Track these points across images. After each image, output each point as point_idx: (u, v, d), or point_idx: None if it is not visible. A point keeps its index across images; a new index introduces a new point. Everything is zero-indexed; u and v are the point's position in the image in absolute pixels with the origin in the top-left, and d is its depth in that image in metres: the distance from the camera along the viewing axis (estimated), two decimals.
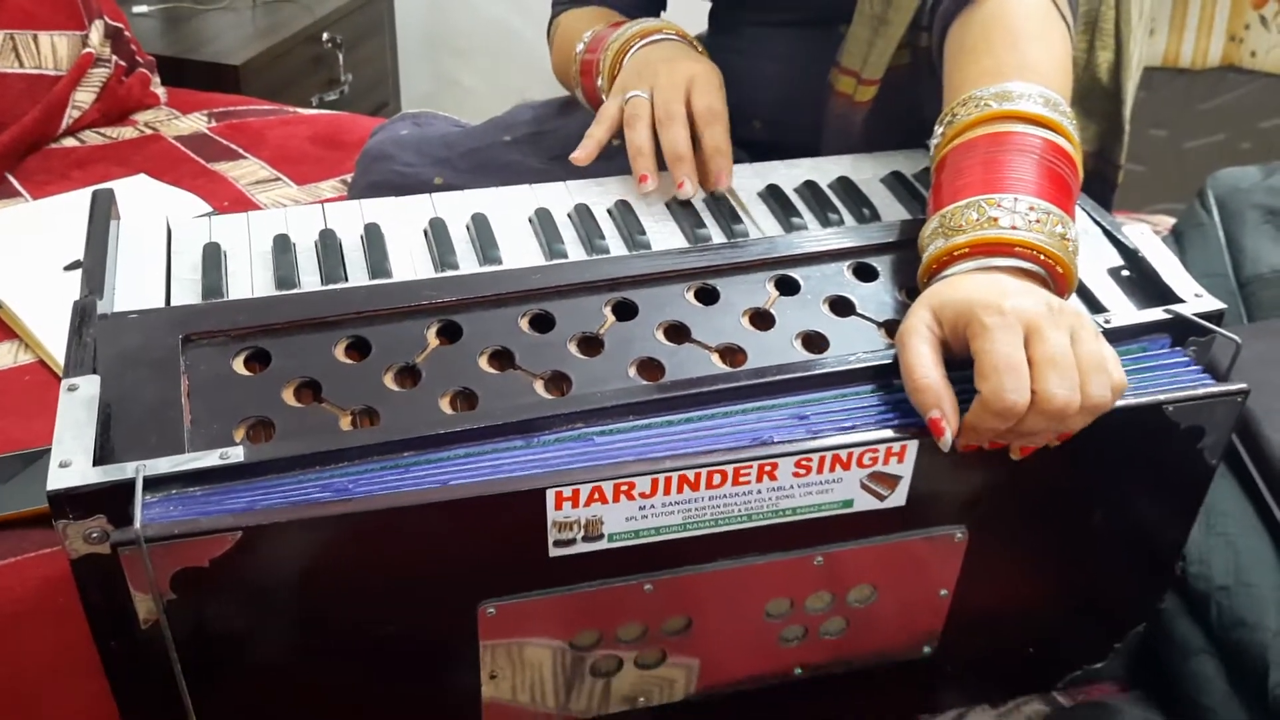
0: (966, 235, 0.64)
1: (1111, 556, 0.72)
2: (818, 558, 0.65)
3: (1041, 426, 0.58)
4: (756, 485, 0.61)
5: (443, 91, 2.60)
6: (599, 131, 0.85)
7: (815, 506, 0.62)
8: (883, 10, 0.86)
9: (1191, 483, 0.69)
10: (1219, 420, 0.65)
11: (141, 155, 1.53)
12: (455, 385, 0.64)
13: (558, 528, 0.59)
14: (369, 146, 1.15)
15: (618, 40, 0.92)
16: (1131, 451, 0.66)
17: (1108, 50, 0.93)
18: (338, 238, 0.77)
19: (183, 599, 0.56)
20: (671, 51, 0.89)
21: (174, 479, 0.56)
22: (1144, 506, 0.70)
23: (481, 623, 0.62)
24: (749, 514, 0.62)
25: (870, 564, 0.67)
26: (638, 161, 0.82)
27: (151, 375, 0.62)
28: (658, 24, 0.93)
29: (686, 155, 0.81)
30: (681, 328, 0.68)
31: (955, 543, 0.67)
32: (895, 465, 0.62)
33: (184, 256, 0.75)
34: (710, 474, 0.60)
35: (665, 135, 0.82)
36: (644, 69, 0.87)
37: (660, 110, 0.82)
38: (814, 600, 0.68)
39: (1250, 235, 0.96)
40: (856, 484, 0.62)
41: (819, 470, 0.61)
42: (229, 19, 2.04)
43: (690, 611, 0.66)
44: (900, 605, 0.70)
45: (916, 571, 0.68)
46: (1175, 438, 0.65)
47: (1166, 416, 0.64)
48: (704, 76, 0.85)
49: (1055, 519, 0.69)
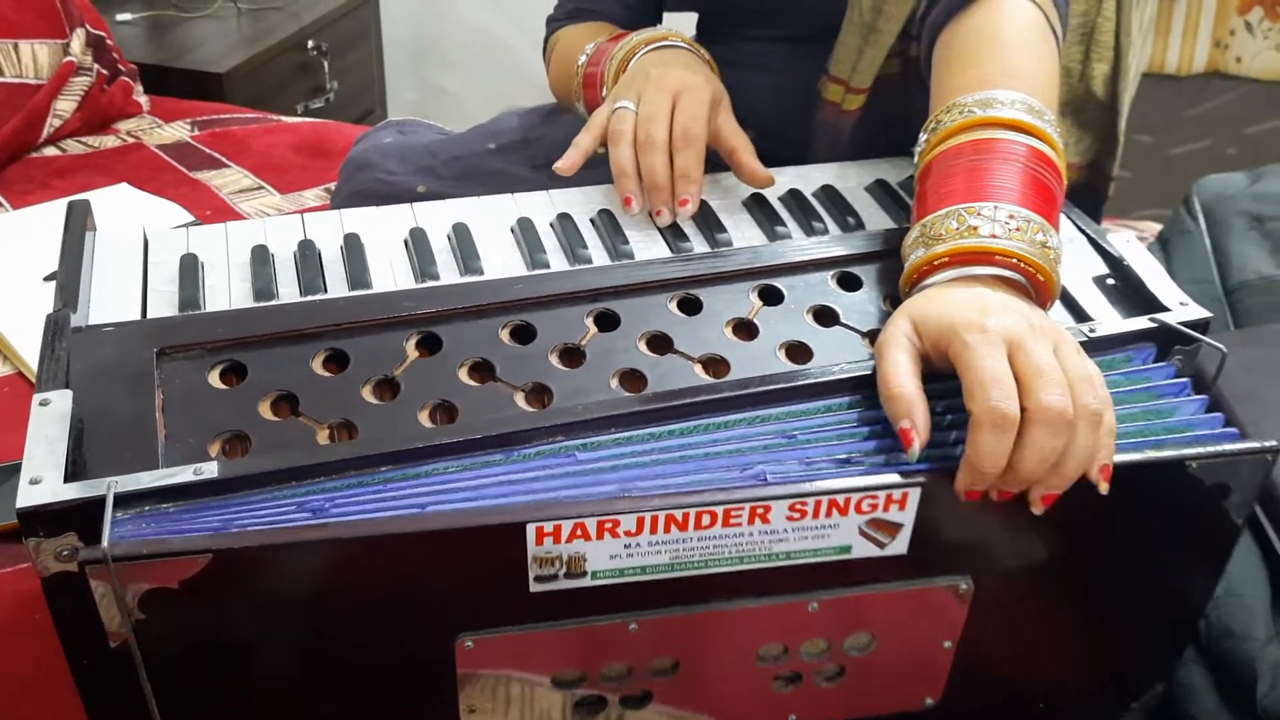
0: (946, 244, 0.64)
1: (1128, 614, 0.69)
2: (813, 604, 0.62)
3: (1046, 441, 0.55)
4: (748, 527, 0.58)
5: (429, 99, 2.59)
6: (586, 140, 0.83)
7: (811, 551, 0.60)
8: (872, 19, 0.86)
9: (1216, 542, 0.65)
10: (1246, 479, 0.61)
11: (123, 164, 1.52)
12: (435, 398, 0.63)
13: (539, 563, 0.58)
14: (352, 155, 1.14)
15: (623, 48, 0.90)
16: (1150, 506, 0.63)
17: (1104, 62, 0.93)
18: (317, 248, 0.76)
19: (152, 619, 0.55)
20: (670, 59, 0.87)
21: (147, 495, 0.55)
22: (1163, 564, 0.66)
23: (459, 655, 0.60)
24: (740, 556, 0.60)
25: (869, 612, 0.64)
26: (621, 182, 0.80)
27: (126, 389, 0.61)
28: (663, 31, 0.91)
29: (664, 184, 0.79)
30: (664, 338, 0.68)
31: (960, 594, 0.64)
32: (896, 512, 0.59)
33: (161, 268, 0.74)
34: (700, 514, 0.57)
35: (644, 163, 0.80)
36: (636, 76, 0.85)
37: (641, 134, 0.80)
38: (809, 646, 0.65)
39: (1236, 242, 0.96)
40: (855, 530, 0.59)
41: (815, 515, 0.58)
42: (213, 27, 2.04)
43: (678, 653, 0.64)
44: (901, 655, 0.67)
45: (918, 622, 0.65)
46: (1198, 495, 0.62)
47: (1189, 472, 0.61)
48: (693, 90, 0.82)
49: (1066, 574, 0.66)
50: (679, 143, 0.80)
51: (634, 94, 0.83)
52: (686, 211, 0.80)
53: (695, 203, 0.80)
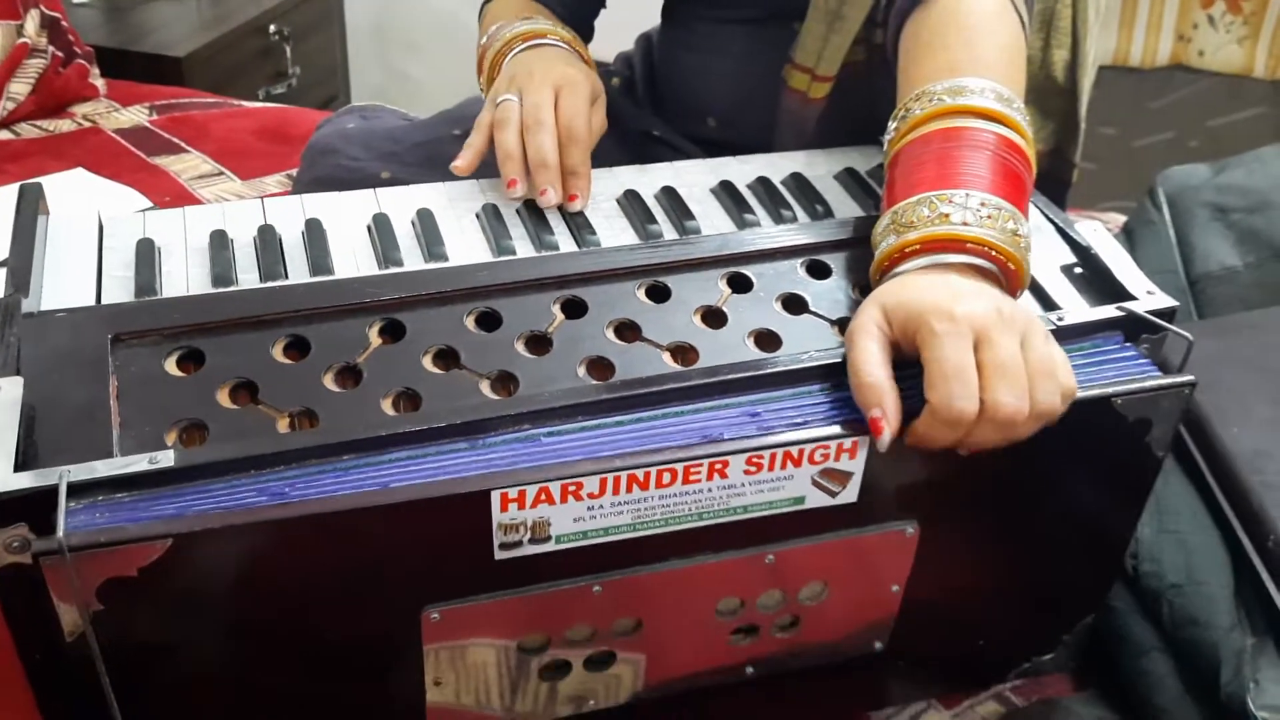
0: (917, 232, 0.64)
1: (1061, 548, 0.72)
2: (769, 556, 0.64)
3: (990, 435, 0.58)
4: (707, 484, 0.59)
5: (393, 85, 2.57)
6: (477, 140, 0.83)
7: (767, 504, 0.61)
8: (838, 6, 0.85)
9: (1139, 475, 0.69)
10: (1166, 412, 0.65)
11: (79, 148, 1.49)
12: (398, 386, 0.62)
13: (503, 530, 0.58)
14: (314, 140, 1.12)
15: (499, 41, 0.91)
16: (1080, 444, 0.65)
17: (1063, 49, 0.93)
18: (277, 234, 0.75)
19: (110, 610, 0.53)
20: (549, 58, 0.87)
21: (101, 484, 0.54)
22: (1092, 498, 0.70)
23: (425, 628, 0.60)
24: (700, 513, 0.61)
25: (822, 561, 0.66)
26: (506, 166, 0.80)
27: (79, 376, 0.60)
28: (544, 28, 0.91)
29: (551, 163, 0.79)
30: (632, 326, 0.67)
31: (906, 538, 0.66)
32: (847, 461, 0.61)
33: (116, 253, 0.72)
34: (660, 473, 0.58)
35: (530, 141, 0.80)
36: (517, 73, 0.85)
37: (528, 117, 0.81)
38: (765, 598, 0.67)
39: (1200, 233, 0.96)
40: (808, 481, 0.61)
41: (770, 467, 0.60)
42: (173, 10, 2.00)
43: (640, 612, 0.65)
44: (852, 601, 0.69)
45: (868, 567, 0.68)
46: (1123, 430, 0.65)
47: (1114, 409, 0.64)
48: (573, 84, 0.83)
49: (1005, 512, 0.69)
50: (565, 137, 0.81)
51: (515, 89, 0.83)
52: (576, 206, 0.80)
53: (585, 198, 0.80)
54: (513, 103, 0.82)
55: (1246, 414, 0.77)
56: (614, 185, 0.83)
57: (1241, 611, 0.72)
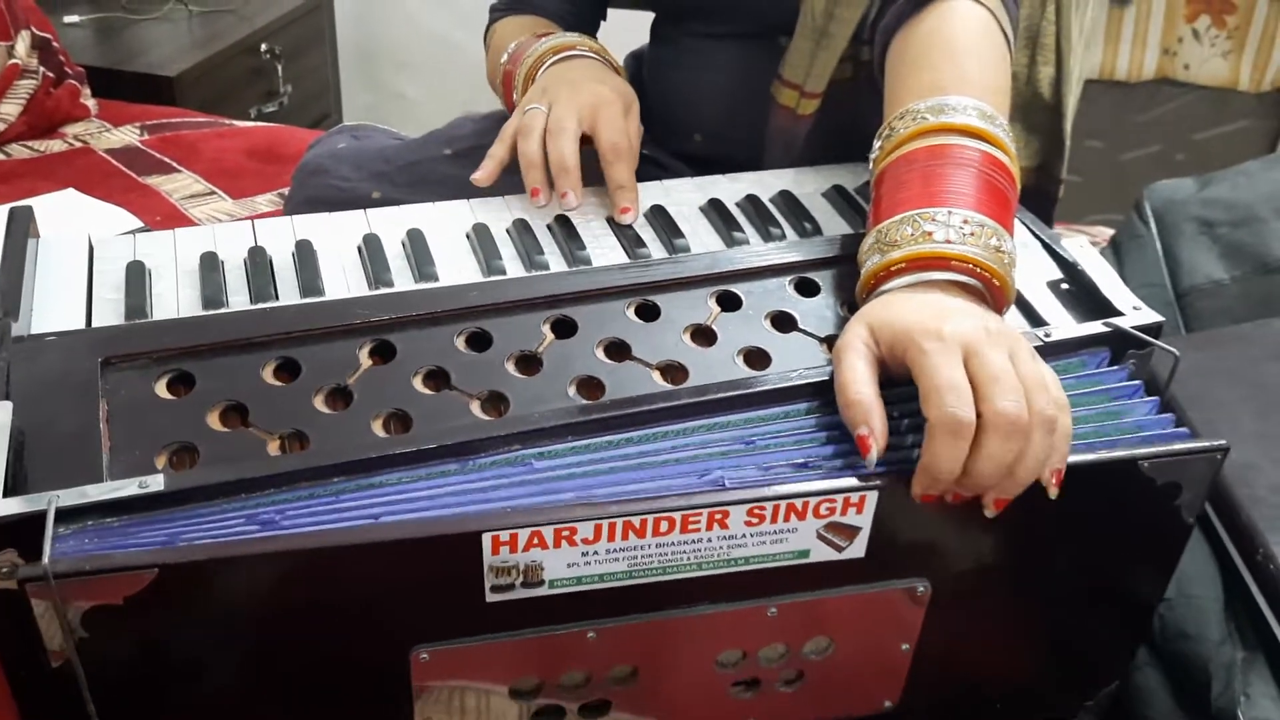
0: (902, 250, 0.64)
1: (1081, 613, 0.69)
2: (772, 609, 0.62)
3: (1000, 448, 0.55)
4: (706, 533, 0.58)
5: (385, 104, 2.57)
6: (500, 150, 0.83)
7: (769, 556, 0.60)
8: (824, 23, 0.86)
9: (1167, 540, 0.66)
10: (1196, 477, 0.62)
11: (70, 169, 1.49)
12: (388, 407, 0.62)
13: (495, 573, 0.57)
14: (305, 160, 1.12)
15: (531, 55, 0.91)
16: (1104, 506, 0.63)
17: (1049, 65, 0.94)
18: (268, 255, 0.75)
19: (96, 637, 0.53)
20: (582, 71, 0.87)
21: (90, 510, 0.54)
22: (1116, 563, 0.67)
23: (415, 668, 0.59)
24: (699, 563, 0.59)
25: (828, 616, 0.64)
26: (529, 174, 0.81)
27: (69, 400, 0.60)
28: (573, 40, 0.92)
29: (572, 167, 0.80)
30: (622, 345, 0.67)
31: (917, 596, 0.64)
32: (854, 516, 0.59)
33: (106, 275, 0.72)
34: (658, 520, 0.57)
35: (552, 146, 0.80)
36: (549, 87, 0.85)
37: (553, 124, 0.81)
38: (768, 651, 0.65)
39: (1186, 247, 0.97)
40: (813, 534, 0.59)
41: (773, 519, 0.58)
42: (164, 29, 2.01)
43: (637, 661, 0.63)
44: (859, 659, 0.66)
45: (876, 625, 0.65)
46: (1150, 494, 0.62)
47: (1141, 472, 0.61)
48: (609, 103, 0.83)
49: (1022, 574, 0.66)
50: (609, 155, 0.81)
51: (546, 101, 0.83)
52: (628, 219, 0.80)
53: (636, 210, 0.80)
54: (539, 111, 0.82)
55: (1234, 427, 0.77)
56: (603, 204, 0.84)
57: (1232, 625, 0.72)
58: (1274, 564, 0.69)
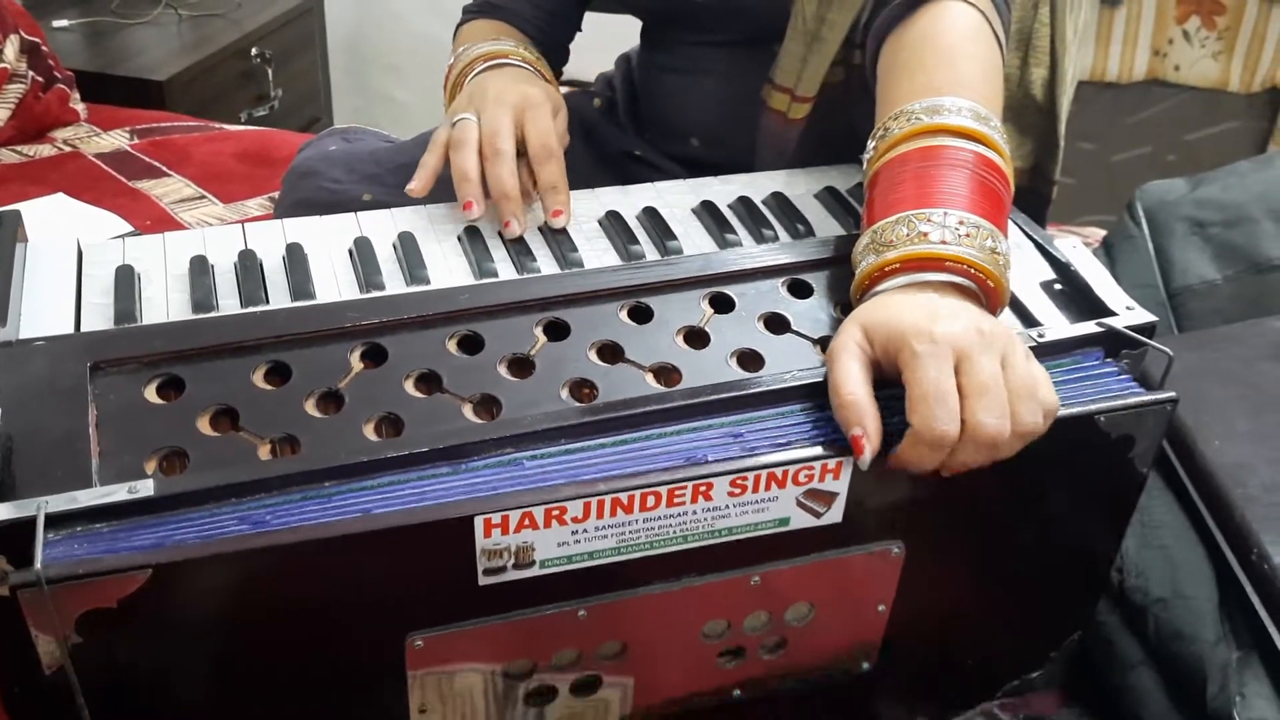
0: (897, 251, 0.64)
1: (1046, 566, 0.72)
2: (755, 577, 0.64)
3: (973, 456, 0.58)
4: (691, 506, 0.59)
5: (376, 107, 2.57)
6: (432, 160, 0.82)
7: (752, 526, 0.61)
8: (816, 26, 0.86)
9: (1123, 492, 0.70)
10: (1149, 429, 0.65)
11: (59, 173, 1.49)
12: (380, 410, 0.61)
13: (487, 556, 0.57)
14: (296, 163, 1.12)
15: (462, 61, 0.90)
16: (1064, 462, 0.66)
17: (1042, 67, 0.94)
18: (258, 258, 0.74)
19: (90, 642, 0.53)
20: (508, 78, 0.87)
21: (80, 515, 0.53)
22: (1076, 516, 0.70)
23: (409, 655, 0.60)
24: (685, 535, 0.60)
25: (808, 582, 0.66)
26: (463, 188, 0.79)
27: (58, 406, 0.59)
28: (506, 49, 0.91)
29: (513, 194, 0.78)
30: (615, 347, 0.67)
31: (892, 558, 0.66)
32: (831, 482, 0.61)
33: (95, 280, 0.72)
34: (644, 496, 0.58)
35: (490, 172, 0.79)
36: (475, 94, 0.85)
37: (487, 145, 0.80)
38: (752, 620, 0.67)
39: (1178, 247, 0.97)
40: (793, 502, 0.61)
41: (754, 489, 0.60)
42: (153, 33, 2.00)
43: (626, 636, 0.64)
44: (838, 622, 0.69)
45: (854, 588, 0.67)
46: (1107, 447, 0.65)
47: (1098, 427, 0.64)
48: (536, 104, 0.82)
49: (990, 531, 0.69)
50: (539, 156, 0.81)
51: (474, 110, 0.83)
52: (560, 221, 0.79)
53: (568, 213, 0.80)
54: (470, 122, 0.81)
55: (1228, 427, 0.78)
56: (596, 206, 0.83)
57: (1227, 625, 0.72)
58: (1268, 564, 0.69)
